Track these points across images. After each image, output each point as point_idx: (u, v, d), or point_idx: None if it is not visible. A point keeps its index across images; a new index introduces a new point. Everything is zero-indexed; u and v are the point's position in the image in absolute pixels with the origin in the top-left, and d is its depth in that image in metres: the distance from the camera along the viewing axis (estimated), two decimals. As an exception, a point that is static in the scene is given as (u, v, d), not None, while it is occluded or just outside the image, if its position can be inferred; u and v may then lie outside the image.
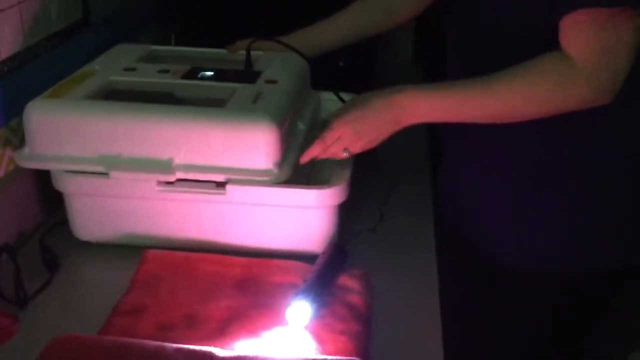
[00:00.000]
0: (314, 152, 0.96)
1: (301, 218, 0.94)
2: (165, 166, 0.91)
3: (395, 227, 1.05)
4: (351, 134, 0.94)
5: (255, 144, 0.90)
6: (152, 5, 1.50)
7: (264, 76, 1.05)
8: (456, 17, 1.00)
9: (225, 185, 0.93)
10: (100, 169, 0.91)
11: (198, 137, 0.90)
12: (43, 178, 1.00)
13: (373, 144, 0.95)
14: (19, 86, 1.00)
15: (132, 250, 0.95)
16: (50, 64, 1.08)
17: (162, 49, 1.23)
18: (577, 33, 0.84)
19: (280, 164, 0.91)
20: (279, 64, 1.11)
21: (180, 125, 0.91)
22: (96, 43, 1.21)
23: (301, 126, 1.04)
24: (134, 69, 1.08)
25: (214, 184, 0.94)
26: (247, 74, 1.06)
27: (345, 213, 1.00)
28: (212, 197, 0.93)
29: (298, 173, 1.05)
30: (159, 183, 0.94)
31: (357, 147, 0.96)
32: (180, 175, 0.91)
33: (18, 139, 1.00)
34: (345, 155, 0.96)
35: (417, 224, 1.07)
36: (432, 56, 1.05)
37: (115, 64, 1.10)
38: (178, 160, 0.91)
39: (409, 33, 1.68)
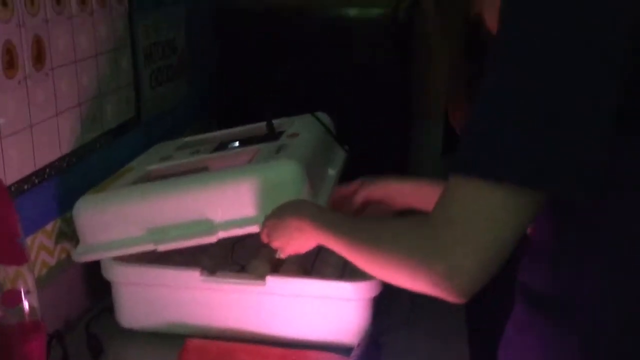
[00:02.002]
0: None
1: (337, 310, 0.97)
2: (207, 228, 0.95)
3: (427, 319, 1.07)
4: (276, 242, 0.91)
5: (284, 185, 0.93)
6: (196, 100, 1.60)
7: (286, 133, 1.11)
8: None
9: (265, 277, 0.97)
10: (149, 246, 0.96)
11: (231, 193, 0.95)
12: (91, 266, 1.05)
13: (301, 251, 0.91)
14: (75, 180, 1.08)
15: (174, 339, 0.98)
16: (103, 158, 1.16)
17: (196, 138, 1.30)
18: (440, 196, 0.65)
19: (315, 200, 0.95)
20: (300, 123, 1.17)
21: (212, 186, 0.96)
22: (146, 138, 1.30)
23: (331, 172, 1.09)
24: (169, 157, 1.16)
25: (254, 276, 0.98)
26: (270, 136, 1.12)
27: (379, 305, 1.02)
28: (252, 288, 0.97)
29: (333, 265, 1.09)
30: (202, 273, 0.98)
31: (285, 253, 0.92)
32: (222, 234, 0.95)
33: (71, 230, 1.06)
34: (278, 256, 0.93)
35: (448, 315, 1.08)
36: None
37: (153, 158, 1.18)
38: (218, 220, 0.95)
39: (439, 123, 1.75)
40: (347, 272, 1.08)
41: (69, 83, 1.05)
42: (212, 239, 0.95)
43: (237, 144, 1.14)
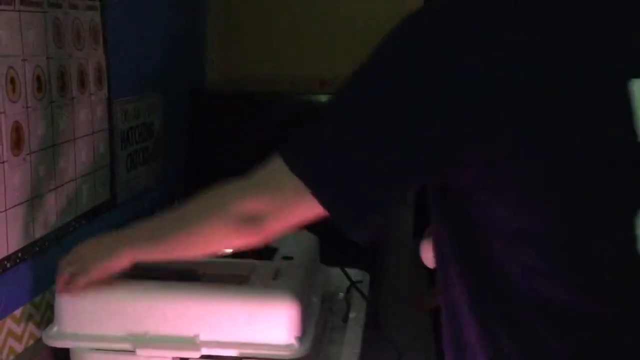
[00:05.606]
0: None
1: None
2: (190, 343, 0.94)
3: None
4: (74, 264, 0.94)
5: (279, 320, 0.94)
6: (171, 182, 1.61)
7: (280, 252, 1.12)
8: None
9: (245, 362, 0.95)
10: (127, 346, 0.94)
11: (223, 314, 0.95)
12: (60, 354, 1.02)
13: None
14: (46, 264, 1.06)
15: None
16: (76, 242, 1.15)
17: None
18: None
19: (302, 338, 0.95)
20: (292, 240, 1.18)
21: (206, 303, 0.96)
22: (120, 220, 1.29)
23: (314, 299, 1.10)
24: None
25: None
26: (264, 251, 1.12)
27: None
28: (230, 377, 0.95)
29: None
30: (176, 361, 0.96)
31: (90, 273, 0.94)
32: (205, 351, 0.94)
33: (40, 314, 1.04)
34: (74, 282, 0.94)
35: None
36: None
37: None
38: (203, 336, 0.94)
39: (410, 211, 1.78)
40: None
41: (46, 167, 1.05)
42: (194, 354, 0.94)
43: (229, 250, 1.14)
